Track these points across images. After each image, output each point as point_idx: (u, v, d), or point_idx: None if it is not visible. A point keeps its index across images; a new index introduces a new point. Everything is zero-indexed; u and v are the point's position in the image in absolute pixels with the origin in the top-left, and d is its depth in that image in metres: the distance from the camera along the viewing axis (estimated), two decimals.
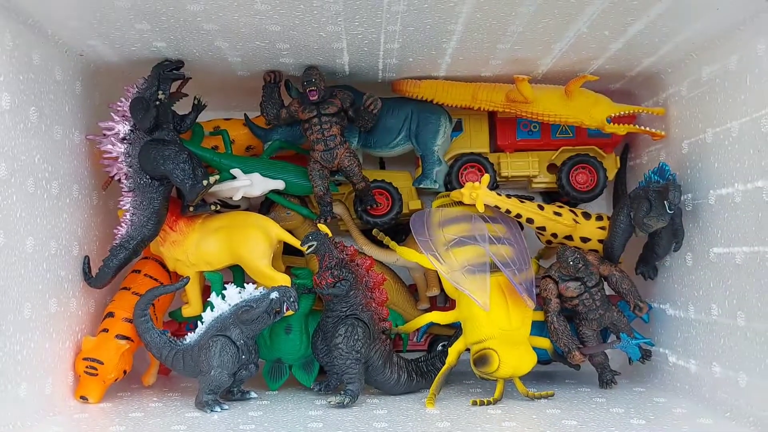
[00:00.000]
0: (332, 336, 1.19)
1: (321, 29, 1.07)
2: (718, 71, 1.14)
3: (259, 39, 1.12)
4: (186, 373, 1.19)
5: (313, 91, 1.25)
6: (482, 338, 1.19)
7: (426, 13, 1.02)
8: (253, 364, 1.19)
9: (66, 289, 1.15)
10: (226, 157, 1.33)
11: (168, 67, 1.20)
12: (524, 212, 1.27)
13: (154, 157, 1.18)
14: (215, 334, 1.16)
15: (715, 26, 1.08)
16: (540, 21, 1.05)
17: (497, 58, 1.23)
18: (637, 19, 1.05)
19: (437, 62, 1.26)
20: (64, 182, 1.16)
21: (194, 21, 1.04)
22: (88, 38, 1.12)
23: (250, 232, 1.26)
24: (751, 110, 1.05)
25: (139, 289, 1.27)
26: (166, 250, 1.29)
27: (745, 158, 1.07)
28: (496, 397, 1.17)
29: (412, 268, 1.43)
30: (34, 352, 1.05)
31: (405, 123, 1.40)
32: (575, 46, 1.17)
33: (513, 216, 1.28)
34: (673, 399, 1.19)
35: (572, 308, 1.26)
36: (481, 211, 1.26)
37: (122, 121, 1.20)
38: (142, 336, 1.19)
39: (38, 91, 1.07)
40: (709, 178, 1.17)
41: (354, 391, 1.16)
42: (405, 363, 1.28)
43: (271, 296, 1.15)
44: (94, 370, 1.16)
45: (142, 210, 1.21)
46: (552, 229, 1.30)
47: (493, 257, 1.23)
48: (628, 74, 1.34)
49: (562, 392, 1.25)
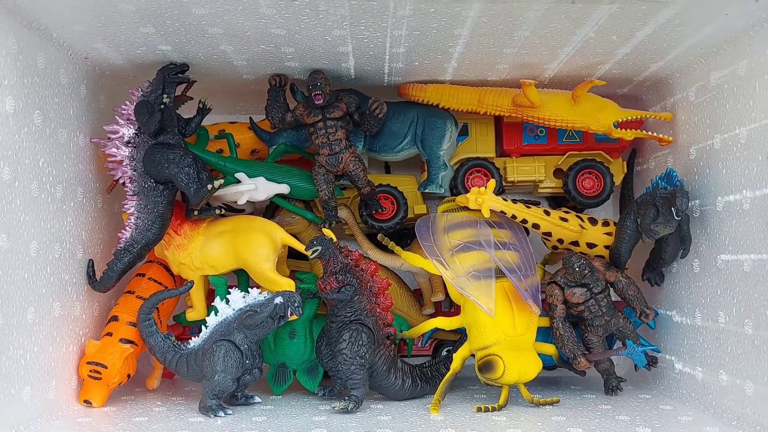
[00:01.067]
0: (336, 341, 1.18)
1: (327, 33, 1.07)
2: (727, 77, 1.13)
3: (265, 42, 1.12)
4: (190, 378, 1.19)
5: (318, 95, 1.24)
6: (487, 344, 1.19)
7: (432, 18, 1.01)
8: (257, 368, 1.19)
9: (70, 292, 1.15)
10: (231, 161, 1.33)
11: (173, 70, 1.20)
12: (530, 217, 1.27)
13: (158, 161, 1.18)
14: (219, 339, 1.15)
15: (724, 31, 1.07)
16: (547, 25, 1.05)
17: (504, 62, 1.22)
18: (645, 23, 1.04)
19: (443, 66, 1.25)
20: (69, 185, 1.16)
21: (199, 24, 1.04)
22: (93, 41, 1.12)
23: (254, 236, 1.26)
24: (759, 116, 1.04)
25: (144, 293, 1.27)
26: (170, 254, 1.29)
27: (754, 165, 1.06)
28: (501, 404, 1.17)
29: (417, 273, 1.42)
30: (38, 355, 1.04)
31: (411, 127, 1.39)
32: (582, 51, 1.16)
33: (519, 221, 1.28)
34: (679, 406, 1.18)
35: (578, 314, 1.25)
36: (486, 216, 1.25)
37: (127, 125, 1.20)
38: (146, 340, 1.19)
39: (43, 94, 1.07)
40: (716, 185, 1.16)
41: (358, 397, 1.16)
42: (409, 368, 1.27)
43: (275, 301, 1.15)
44: (97, 374, 1.16)
45: (147, 213, 1.21)
46: (558, 234, 1.29)
47: (499, 263, 1.22)
48: (635, 79, 1.33)
49: (567, 399, 1.24)
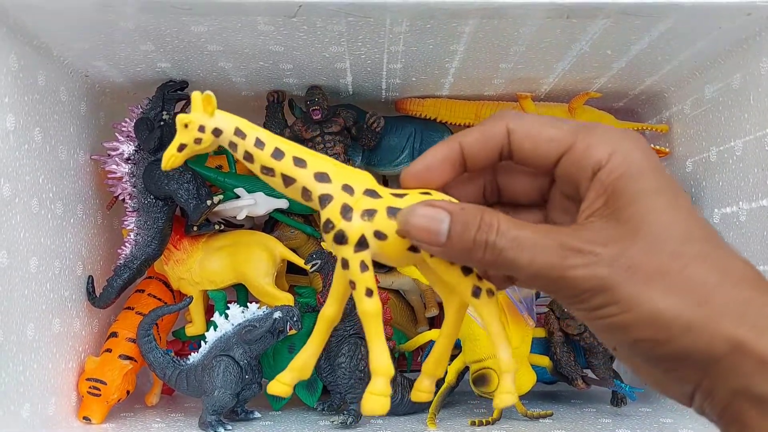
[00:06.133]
0: (335, 355, 1.18)
1: (324, 49, 1.08)
2: (722, 89, 1.14)
3: (263, 59, 1.13)
4: (190, 393, 1.19)
5: (316, 111, 1.25)
6: (482, 357, 1.18)
7: (428, 34, 1.02)
8: (257, 383, 1.19)
9: (69, 309, 1.15)
10: (230, 177, 1.33)
11: (172, 87, 1.21)
12: None
13: (158, 177, 1.19)
14: (219, 354, 1.15)
15: (718, 45, 1.08)
16: (542, 40, 1.06)
17: (500, 77, 1.23)
18: (639, 38, 1.05)
19: (440, 82, 1.26)
20: (69, 202, 1.16)
21: (198, 42, 1.05)
22: (93, 59, 1.13)
23: (253, 250, 1.26)
24: (754, 129, 1.05)
25: (143, 309, 1.27)
26: (170, 269, 1.29)
27: (750, 177, 1.06)
28: (495, 417, 1.16)
29: (409, 290, 1.41)
30: (37, 372, 1.04)
31: (408, 141, 1.40)
32: (578, 65, 1.17)
33: None
34: (680, 420, 1.17)
35: (578, 341, 1.25)
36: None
37: (127, 142, 1.21)
38: (146, 356, 1.19)
39: (43, 111, 1.08)
40: (713, 197, 1.17)
41: (357, 411, 1.16)
42: (409, 383, 1.27)
43: (274, 315, 1.15)
44: (97, 391, 1.16)
45: (146, 230, 1.21)
46: None
47: None
48: (631, 93, 1.34)
49: (567, 412, 1.24)
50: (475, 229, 0.50)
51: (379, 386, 0.56)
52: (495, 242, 0.50)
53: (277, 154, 0.57)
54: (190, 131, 0.57)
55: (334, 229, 0.56)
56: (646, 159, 0.50)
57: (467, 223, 0.51)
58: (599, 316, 0.48)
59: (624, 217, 0.49)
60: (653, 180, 0.50)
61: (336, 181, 0.57)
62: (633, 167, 0.50)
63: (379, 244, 0.56)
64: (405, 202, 0.56)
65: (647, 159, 0.50)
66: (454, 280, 0.57)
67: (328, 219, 0.56)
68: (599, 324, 0.49)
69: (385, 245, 0.56)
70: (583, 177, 0.51)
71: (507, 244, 0.50)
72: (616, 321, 0.47)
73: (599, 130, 0.52)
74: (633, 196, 0.49)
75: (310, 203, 0.58)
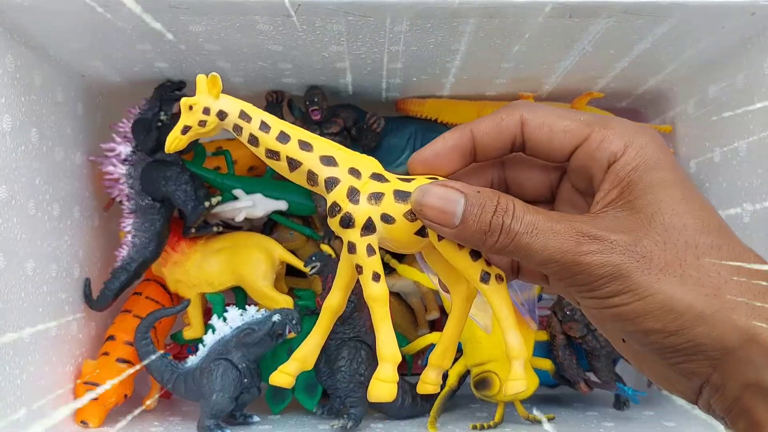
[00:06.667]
0: (335, 359, 1.17)
1: (323, 49, 1.07)
2: (725, 90, 1.13)
3: (262, 59, 1.12)
4: (188, 397, 1.18)
5: (315, 111, 1.24)
6: (483, 360, 1.17)
7: (429, 33, 1.01)
8: (256, 387, 1.18)
9: (66, 312, 1.14)
10: (229, 178, 1.32)
11: (170, 88, 1.20)
12: None
13: (155, 179, 1.18)
14: (217, 358, 1.14)
15: (721, 44, 1.07)
16: (544, 39, 1.05)
17: (501, 77, 1.22)
18: (642, 38, 1.04)
19: (441, 82, 1.25)
20: (65, 204, 1.15)
21: (196, 41, 1.04)
22: (89, 59, 1.12)
23: (252, 252, 1.25)
24: (758, 129, 1.04)
25: (141, 312, 1.26)
26: (167, 271, 1.28)
27: (753, 178, 1.05)
28: (497, 421, 1.15)
29: (409, 293, 1.41)
30: (34, 376, 1.03)
31: (409, 142, 1.39)
32: (580, 65, 1.16)
33: None
34: (683, 423, 1.17)
35: (581, 344, 1.24)
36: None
37: (124, 143, 1.20)
38: (143, 359, 1.18)
39: (39, 112, 1.07)
40: (717, 198, 1.15)
41: (357, 415, 1.15)
42: (409, 386, 1.26)
43: (273, 318, 1.14)
44: (94, 394, 1.15)
45: (144, 232, 1.20)
46: None
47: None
48: (634, 93, 1.33)
49: (569, 416, 1.23)
50: (491, 212, 0.50)
51: (386, 372, 0.55)
52: (511, 226, 0.49)
53: (282, 138, 0.56)
54: (195, 113, 0.56)
55: (340, 212, 0.55)
56: (661, 152, 0.51)
57: (483, 206, 0.50)
58: (611, 305, 0.48)
59: (638, 208, 0.49)
60: (668, 172, 0.50)
61: (342, 164, 0.56)
62: (648, 160, 0.50)
63: (386, 227, 0.55)
64: (412, 186, 0.55)
65: (662, 152, 0.51)
66: (463, 265, 0.55)
67: (334, 202, 0.55)
68: (610, 313, 0.48)
69: (393, 229, 0.55)
70: (597, 169, 0.52)
71: (522, 228, 0.49)
72: (628, 309, 0.47)
73: (614, 123, 0.52)
74: (647, 187, 0.49)
75: (316, 188, 0.56)
